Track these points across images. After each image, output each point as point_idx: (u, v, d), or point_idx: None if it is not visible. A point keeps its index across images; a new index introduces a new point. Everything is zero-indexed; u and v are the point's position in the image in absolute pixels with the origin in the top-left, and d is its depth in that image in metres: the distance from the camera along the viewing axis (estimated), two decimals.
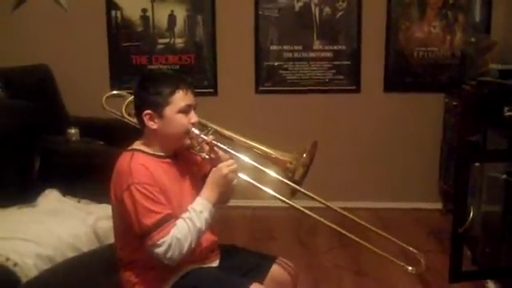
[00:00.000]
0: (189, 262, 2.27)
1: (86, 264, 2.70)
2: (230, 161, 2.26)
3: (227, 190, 2.27)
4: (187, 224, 2.15)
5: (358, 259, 3.95)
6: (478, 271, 3.56)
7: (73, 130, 4.11)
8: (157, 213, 2.12)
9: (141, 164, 2.19)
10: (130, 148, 2.30)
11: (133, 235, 2.17)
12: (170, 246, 2.11)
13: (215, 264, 2.41)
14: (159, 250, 2.11)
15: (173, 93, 2.21)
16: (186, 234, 2.13)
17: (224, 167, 2.23)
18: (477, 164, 3.61)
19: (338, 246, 4.13)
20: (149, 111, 2.22)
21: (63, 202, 3.33)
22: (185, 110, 2.24)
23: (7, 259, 2.56)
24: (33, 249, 2.68)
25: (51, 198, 3.33)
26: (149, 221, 2.11)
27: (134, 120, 2.43)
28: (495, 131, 3.64)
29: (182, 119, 2.23)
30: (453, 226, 3.31)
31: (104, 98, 2.78)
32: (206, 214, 2.19)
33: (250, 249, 2.61)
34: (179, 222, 2.16)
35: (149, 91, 2.23)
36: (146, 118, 2.23)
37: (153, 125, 2.23)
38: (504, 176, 3.51)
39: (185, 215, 2.18)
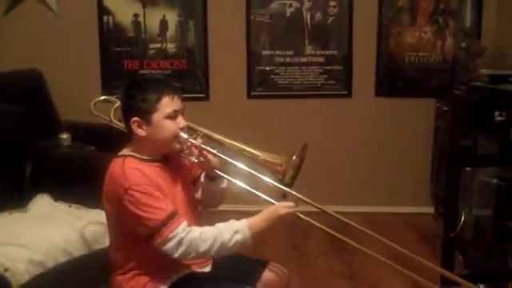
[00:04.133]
0: (181, 266, 2.27)
1: (77, 269, 2.69)
2: (291, 203, 2.27)
3: (275, 227, 2.28)
4: (215, 232, 2.16)
5: (351, 263, 3.95)
6: (469, 275, 3.56)
7: (64, 135, 4.10)
8: (163, 209, 2.13)
9: (134, 168, 2.19)
10: (120, 154, 2.30)
11: (128, 239, 2.17)
12: (181, 240, 2.11)
13: (207, 269, 2.41)
14: (169, 245, 2.11)
15: (159, 99, 2.21)
16: (207, 238, 2.14)
17: (282, 208, 2.25)
18: (468, 168, 3.62)
19: (331, 250, 4.14)
20: (136, 118, 2.22)
21: (54, 207, 3.31)
22: (172, 116, 2.24)
23: None
24: (24, 254, 2.66)
25: (42, 203, 3.32)
26: (157, 218, 2.11)
27: (123, 125, 2.43)
28: (486, 136, 3.65)
29: (169, 125, 2.24)
30: (444, 230, 3.32)
31: (92, 103, 2.77)
32: (239, 237, 2.18)
33: (242, 254, 2.60)
34: (209, 227, 2.18)
35: (135, 98, 2.23)
36: (134, 126, 2.23)
37: (141, 132, 2.23)
38: (495, 180, 3.52)
39: (221, 223, 2.19)
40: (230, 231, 2.17)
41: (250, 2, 4.93)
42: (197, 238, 2.13)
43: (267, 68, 5.03)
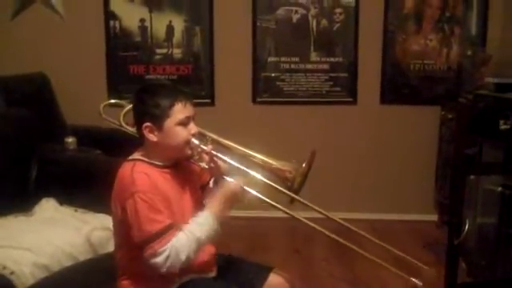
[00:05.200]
0: (186, 272, 2.27)
1: (82, 273, 2.69)
2: (240, 178, 2.27)
3: (233, 206, 2.28)
4: (186, 235, 2.15)
5: (354, 269, 3.96)
6: (473, 283, 3.57)
7: (70, 139, 4.10)
8: (159, 222, 2.13)
9: (143, 173, 2.20)
10: (130, 158, 2.31)
11: (132, 244, 2.18)
12: (169, 254, 2.11)
13: (212, 275, 2.41)
14: (158, 259, 2.11)
15: (172, 105, 2.21)
16: (183, 244, 2.13)
17: (233, 184, 2.25)
18: (472, 176, 3.63)
19: (334, 255, 4.15)
20: (148, 124, 2.22)
21: (60, 211, 3.33)
22: (184, 122, 2.24)
23: (4, 267, 2.55)
24: (29, 257, 2.68)
25: (48, 207, 3.33)
26: (150, 229, 2.11)
27: (132, 129, 2.43)
28: (491, 144, 3.66)
29: (181, 131, 2.24)
30: (448, 238, 3.32)
31: (101, 106, 2.77)
32: (207, 227, 2.18)
33: (246, 259, 2.61)
34: (179, 233, 2.16)
35: (147, 104, 2.23)
36: (145, 131, 2.23)
37: (153, 137, 2.23)
38: (499, 188, 3.53)
39: (185, 227, 2.18)
40: (198, 227, 2.17)
41: (256, 8, 4.94)
42: (178, 248, 2.12)
43: (273, 74, 5.04)
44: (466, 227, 3.33)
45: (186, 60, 5.06)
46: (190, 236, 2.15)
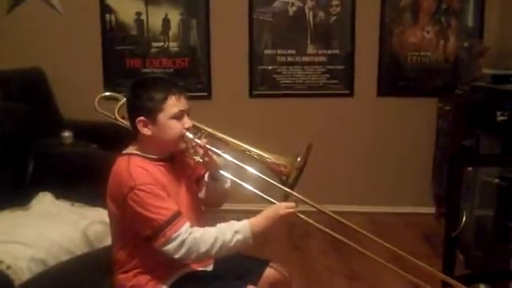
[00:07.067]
0: (183, 265, 2.27)
1: (79, 267, 2.69)
2: (291, 203, 2.26)
3: (276, 227, 2.26)
4: (216, 231, 2.16)
5: (351, 263, 3.95)
6: (470, 275, 3.57)
7: (66, 133, 4.10)
8: (167, 209, 2.13)
9: (139, 166, 2.19)
10: (125, 152, 2.30)
11: (129, 238, 2.17)
12: (183, 241, 2.11)
13: (209, 268, 2.41)
14: (171, 246, 2.11)
15: (165, 99, 2.20)
16: (208, 237, 2.14)
17: (283, 208, 2.24)
18: (470, 168, 3.62)
19: (331, 249, 4.14)
20: (142, 118, 2.21)
21: (57, 205, 3.33)
22: (178, 116, 2.23)
23: (0, 262, 2.55)
24: (26, 252, 2.68)
25: (44, 202, 3.33)
26: (161, 217, 2.11)
27: (127, 123, 2.42)
28: (488, 136, 3.66)
29: (175, 125, 2.23)
30: (446, 230, 3.33)
31: (96, 99, 2.76)
32: (240, 236, 2.17)
33: (243, 253, 2.61)
34: (212, 227, 2.18)
35: (141, 98, 2.22)
36: (139, 125, 2.23)
37: (147, 131, 2.23)
38: (496, 180, 3.53)
39: (222, 224, 2.19)
40: (231, 231, 2.17)
41: (252, 1, 4.92)
42: (198, 238, 2.13)
43: (269, 67, 5.03)
44: (464, 219, 3.33)
45: (183, 53, 5.05)
46: (219, 234, 2.15)
